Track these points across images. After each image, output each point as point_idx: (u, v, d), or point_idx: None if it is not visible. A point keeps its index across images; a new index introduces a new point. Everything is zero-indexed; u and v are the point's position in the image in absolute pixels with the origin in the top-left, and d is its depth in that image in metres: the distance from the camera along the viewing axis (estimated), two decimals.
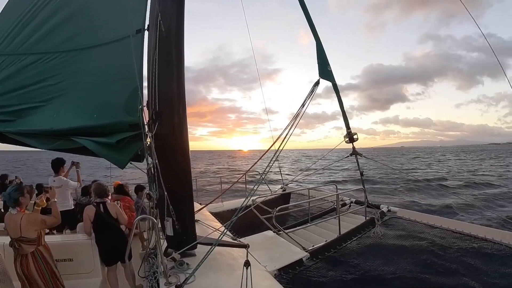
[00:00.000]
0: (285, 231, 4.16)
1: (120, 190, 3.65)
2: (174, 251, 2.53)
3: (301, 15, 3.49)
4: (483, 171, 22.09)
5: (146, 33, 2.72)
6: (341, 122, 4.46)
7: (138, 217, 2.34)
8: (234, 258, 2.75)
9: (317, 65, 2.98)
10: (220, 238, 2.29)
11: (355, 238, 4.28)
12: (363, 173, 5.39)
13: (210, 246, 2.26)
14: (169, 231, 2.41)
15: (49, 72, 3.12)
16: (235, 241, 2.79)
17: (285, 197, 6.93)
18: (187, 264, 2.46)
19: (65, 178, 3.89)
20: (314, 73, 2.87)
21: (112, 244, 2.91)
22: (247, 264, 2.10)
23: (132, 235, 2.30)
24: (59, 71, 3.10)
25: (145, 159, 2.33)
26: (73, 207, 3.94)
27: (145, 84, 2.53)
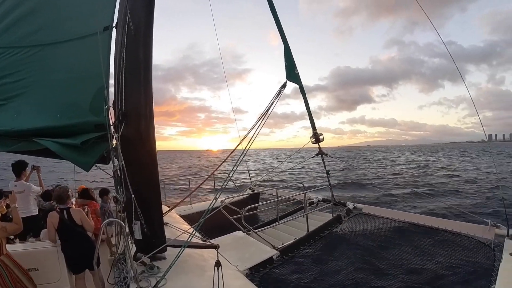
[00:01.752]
0: (254, 230, 4.20)
1: (85, 194, 3.49)
2: (143, 255, 2.47)
3: (271, 17, 3.55)
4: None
5: (114, 30, 2.63)
6: (309, 122, 4.67)
7: (105, 221, 2.26)
8: (204, 259, 2.73)
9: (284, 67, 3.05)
10: (189, 240, 2.27)
11: (323, 235, 4.44)
12: (329, 172, 5.60)
13: (180, 248, 2.24)
14: (138, 235, 2.35)
15: (10, 68, 2.93)
16: (205, 242, 2.77)
17: (253, 197, 6.99)
18: (158, 267, 2.41)
19: (27, 183, 3.66)
20: (283, 74, 2.92)
21: (78, 252, 2.78)
22: (217, 264, 2.10)
23: (99, 241, 2.21)
24: (21, 68, 2.92)
25: (111, 161, 2.26)
26: (36, 213, 3.72)
27: (111, 83, 2.44)
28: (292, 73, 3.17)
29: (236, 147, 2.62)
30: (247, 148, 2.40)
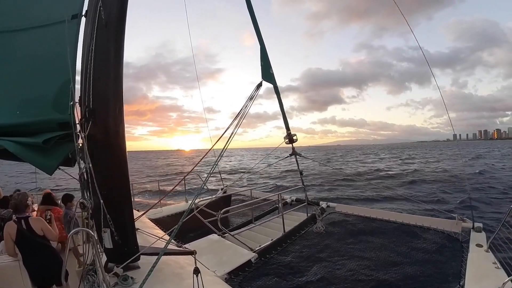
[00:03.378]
0: (230, 233, 4.10)
1: (48, 200, 3.19)
2: (115, 265, 2.27)
3: (246, 17, 3.60)
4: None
5: (83, 19, 2.40)
6: (282, 121, 4.83)
7: (73, 231, 2.06)
8: (181, 266, 2.59)
9: (259, 67, 3.06)
10: (166, 247, 2.12)
11: (299, 235, 4.44)
12: (303, 172, 5.71)
13: (154, 257, 2.08)
14: (108, 244, 2.15)
15: None
16: (181, 248, 2.63)
17: (226, 199, 6.86)
18: (132, 278, 2.23)
19: None
20: (256, 74, 2.95)
21: (43, 265, 2.49)
22: (196, 271, 1.99)
23: (67, 252, 1.98)
24: None
25: (76, 163, 2.05)
26: None
27: (77, 77, 2.21)
28: (267, 73, 3.20)
29: (209, 151, 2.57)
30: (224, 150, 2.31)
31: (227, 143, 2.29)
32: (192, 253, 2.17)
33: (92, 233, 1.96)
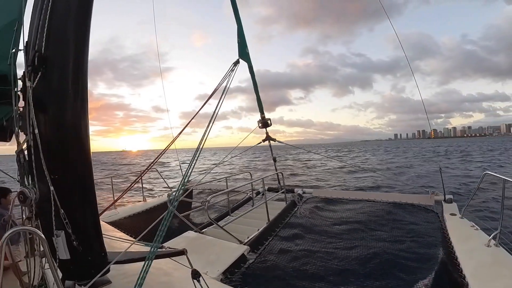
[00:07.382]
0: (218, 224, 3.52)
1: None
2: (75, 283, 1.62)
3: (196, 17, 3.56)
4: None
5: None
6: (230, 122, 4.65)
7: (7, 234, 1.37)
8: (166, 272, 2.07)
9: (210, 64, 2.83)
10: (155, 250, 1.50)
11: (285, 222, 4.35)
12: (276, 158, 5.85)
13: (127, 266, 1.49)
14: (63, 253, 1.48)
15: None
16: (168, 249, 2.00)
17: (189, 196, 6.32)
18: None
19: None
20: (205, 74, 2.66)
21: None
22: (195, 275, 1.49)
23: (1, 269, 1.28)
24: None
25: (14, 135, 1.41)
26: None
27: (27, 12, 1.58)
28: (243, 52, 3.31)
29: (168, 146, 2.25)
30: (201, 146, 1.96)
31: (204, 138, 1.96)
32: (182, 252, 1.67)
33: (42, 236, 1.30)
